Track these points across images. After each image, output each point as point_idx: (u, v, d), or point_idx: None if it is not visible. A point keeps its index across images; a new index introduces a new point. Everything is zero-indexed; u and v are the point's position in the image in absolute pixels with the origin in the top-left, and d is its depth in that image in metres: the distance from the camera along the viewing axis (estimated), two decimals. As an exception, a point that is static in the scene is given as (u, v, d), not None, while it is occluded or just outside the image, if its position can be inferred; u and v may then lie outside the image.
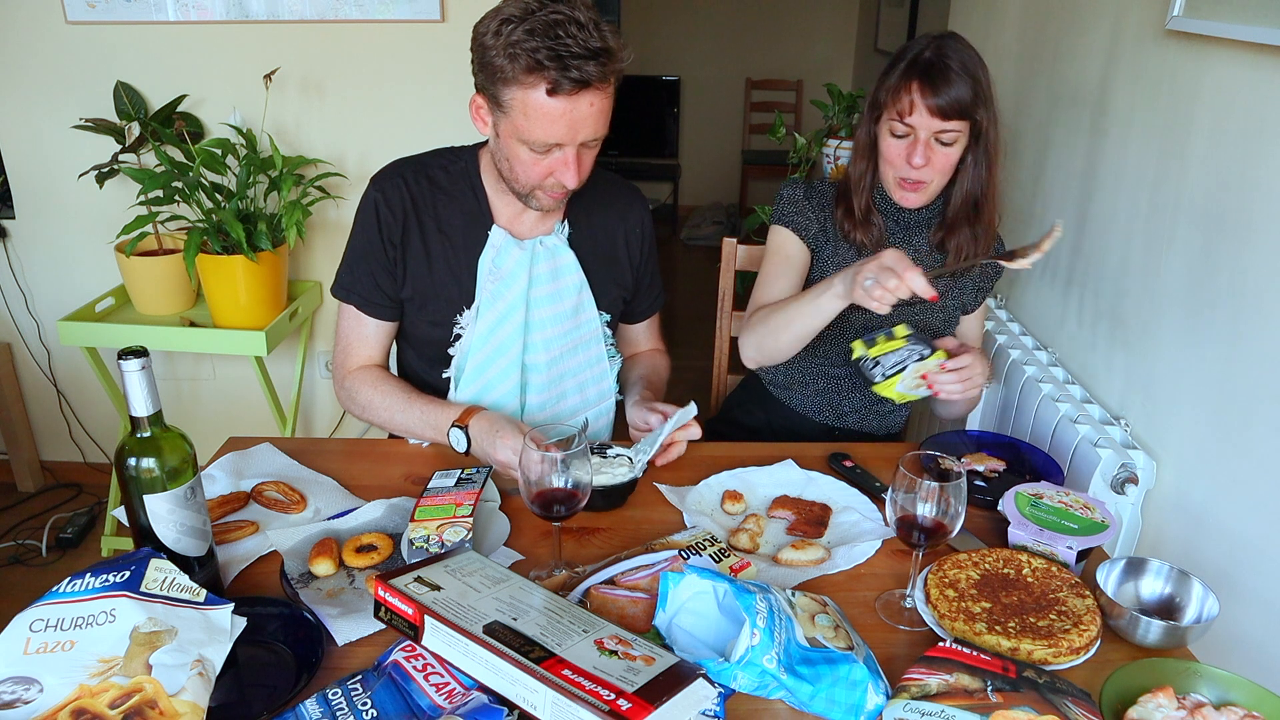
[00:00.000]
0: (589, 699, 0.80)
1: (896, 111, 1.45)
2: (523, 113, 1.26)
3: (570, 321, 1.52)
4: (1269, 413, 1.36)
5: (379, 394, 1.47)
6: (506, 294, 1.46)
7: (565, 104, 1.24)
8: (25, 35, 2.42)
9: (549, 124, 1.26)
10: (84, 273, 2.64)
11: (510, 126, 1.30)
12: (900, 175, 1.50)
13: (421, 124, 2.51)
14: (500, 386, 1.50)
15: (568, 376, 1.55)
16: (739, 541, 1.23)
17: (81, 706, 0.85)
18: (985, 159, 1.51)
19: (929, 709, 0.90)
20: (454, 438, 1.36)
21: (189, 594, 0.97)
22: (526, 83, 1.24)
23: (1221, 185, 1.48)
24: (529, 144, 1.29)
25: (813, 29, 5.78)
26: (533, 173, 1.33)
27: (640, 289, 1.65)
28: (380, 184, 1.45)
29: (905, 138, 1.47)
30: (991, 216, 1.57)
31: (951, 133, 1.45)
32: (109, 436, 2.91)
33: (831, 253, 1.64)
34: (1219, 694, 0.97)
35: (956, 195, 1.55)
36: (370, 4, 2.38)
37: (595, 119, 1.28)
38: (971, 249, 1.57)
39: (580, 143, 1.30)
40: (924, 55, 1.43)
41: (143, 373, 0.97)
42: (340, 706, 0.90)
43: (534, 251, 1.46)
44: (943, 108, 1.42)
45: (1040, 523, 1.21)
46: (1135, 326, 1.73)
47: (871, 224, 1.59)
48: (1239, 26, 1.39)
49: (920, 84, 1.42)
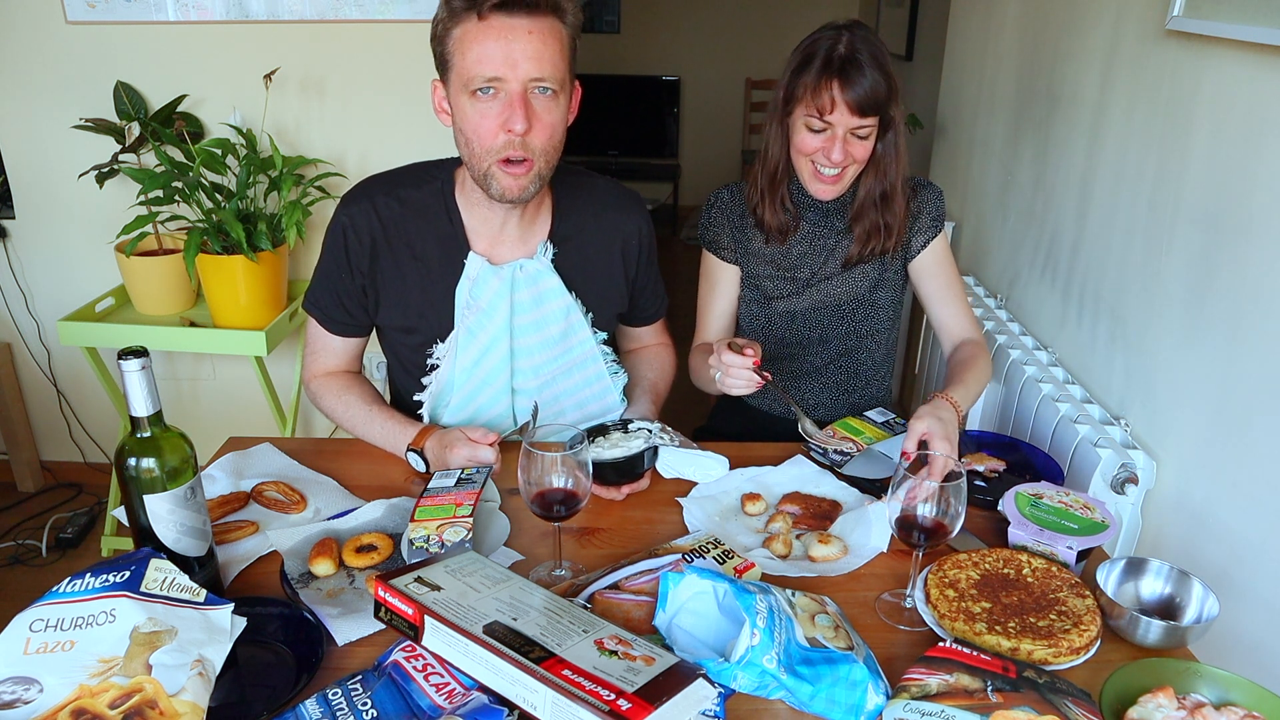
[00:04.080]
0: (589, 699, 0.80)
1: (816, 108, 1.47)
2: (462, 52, 1.22)
3: (559, 346, 1.47)
4: (1269, 413, 1.36)
5: (341, 404, 1.49)
6: (488, 325, 1.41)
7: (499, 27, 1.19)
8: (25, 35, 2.42)
9: (482, 49, 1.20)
10: (84, 273, 2.64)
11: (456, 80, 1.24)
12: (819, 168, 1.53)
13: (421, 124, 2.51)
14: (491, 411, 1.49)
15: (564, 397, 1.52)
16: (775, 549, 1.22)
17: (81, 706, 0.85)
18: (894, 149, 1.54)
19: (929, 709, 0.90)
20: (411, 460, 1.39)
21: (189, 594, 0.97)
22: (462, 18, 1.21)
23: (1221, 185, 1.48)
24: (470, 83, 1.22)
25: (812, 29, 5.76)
26: (484, 131, 1.25)
27: (640, 297, 1.61)
28: (348, 208, 1.40)
29: (822, 132, 1.49)
30: (901, 204, 1.59)
31: (867, 127, 1.48)
32: (109, 436, 2.91)
33: (747, 253, 1.69)
34: (1219, 694, 0.97)
35: (864, 186, 1.58)
36: (370, 4, 2.38)
37: (538, 51, 1.21)
38: (880, 236, 1.60)
39: (525, 81, 1.22)
40: (838, 51, 1.45)
41: (143, 373, 0.97)
42: (340, 706, 0.90)
43: (513, 279, 1.40)
44: (862, 104, 1.45)
45: (1040, 523, 1.21)
46: (1135, 326, 1.73)
47: (785, 211, 1.62)
48: (1239, 26, 1.39)
49: (840, 82, 1.44)
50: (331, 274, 1.44)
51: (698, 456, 1.39)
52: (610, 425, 1.38)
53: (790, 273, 1.67)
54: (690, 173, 6.06)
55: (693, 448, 1.40)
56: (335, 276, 1.44)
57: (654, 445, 1.35)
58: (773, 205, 1.61)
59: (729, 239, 1.68)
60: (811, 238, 1.65)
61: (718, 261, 1.70)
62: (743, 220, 1.67)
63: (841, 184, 1.56)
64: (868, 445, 1.43)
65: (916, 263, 1.64)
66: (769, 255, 1.67)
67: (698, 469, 1.39)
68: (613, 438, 1.35)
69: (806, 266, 1.66)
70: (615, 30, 5.88)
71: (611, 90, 5.74)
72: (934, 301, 1.65)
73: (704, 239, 1.71)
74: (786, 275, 1.67)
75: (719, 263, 1.70)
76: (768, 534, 1.26)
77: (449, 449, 1.33)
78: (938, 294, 1.64)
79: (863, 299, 1.67)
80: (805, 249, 1.66)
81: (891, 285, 1.68)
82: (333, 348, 1.52)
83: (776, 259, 1.67)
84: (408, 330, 1.47)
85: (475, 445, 1.31)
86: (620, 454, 1.31)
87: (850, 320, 1.69)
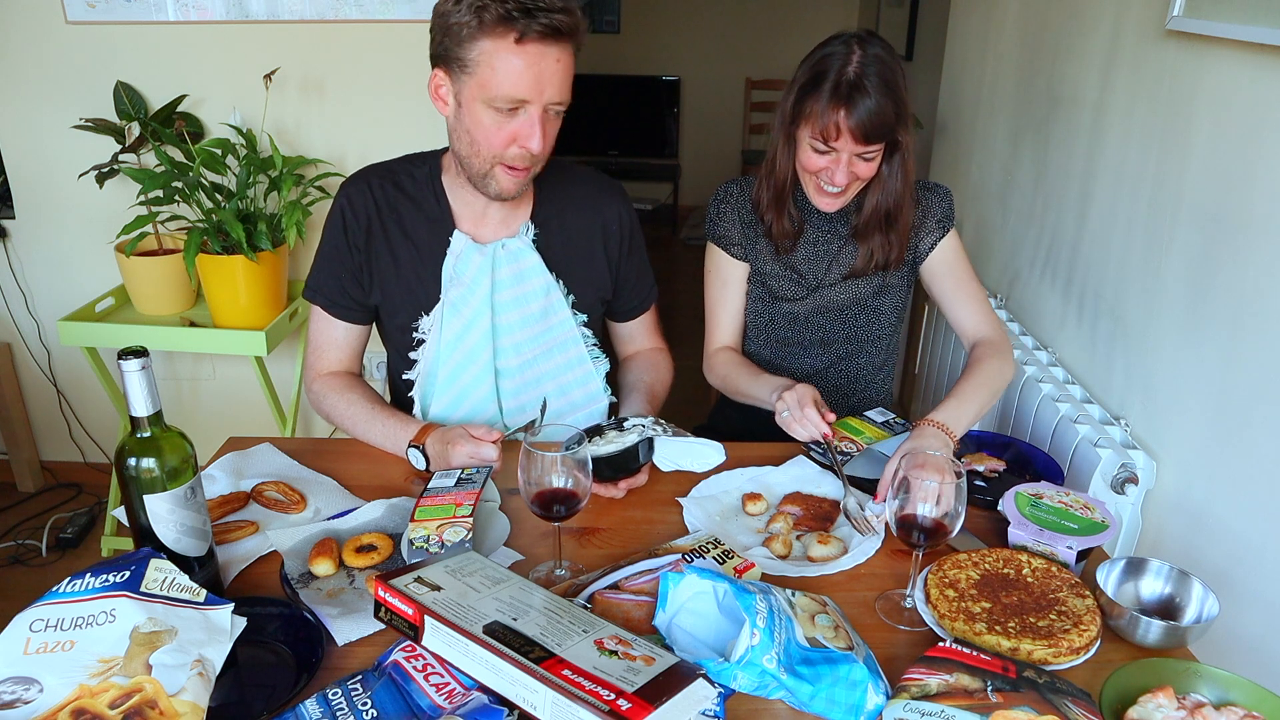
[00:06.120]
0: (589, 699, 0.80)
1: (820, 132, 1.44)
2: (490, 66, 1.25)
3: (540, 324, 1.51)
4: (1269, 413, 1.36)
5: (344, 402, 1.49)
6: (471, 299, 1.46)
7: (534, 54, 1.24)
8: (25, 35, 2.42)
9: (516, 76, 1.24)
10: (84, 273, 2.64)
11: (475, 87, 1.27)
12: (821, 184, 1.53)
13: (421, 124, 2.51)
14: (475, 393, 1.50)
15: (545, 379, 1.55)
16: (776, 550, 1.22)
17: (81, 706, 0.85)
18: (901, 169, 1.53)
19: (929, 709, 0.90)
20: (412, 457, 1.39)
21: (189, 594, 0.97)
22: (495, 33, 1.23)
23: (1221, 185, 1.48)
24: (494, 102, 1.27)
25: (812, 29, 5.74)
26: (495, 140, 1.30)
27: (625, 286, 1.62)
28: (347, 190, 1.47)
29: (826, 154, 1.47)
30: (906, 222, 1.58)
31: (873, 151, 1.47)
32: (109, 436, 2.91)
33: (756, 250, 1.68)
34: (1219, 694, 0.97)
35: (869, 203, 1.57)
36: (370, 4, 2.38)
37: (561, 78, 1.28)
38: (884, 252, 1.59)
39: (546, 104, 1.28)
40: (847, 74, 1.41)
41: (143, 373, 0.97)
42: (340, 706, 0.90)
43: (495, 255, 1.45)
44: (868, 133, 1.42)
45: (1040, 523, 1.21)
46: (1135, 326, 1.73)
47: (791, 219, 1.62)
48: (1238, 26, 1.39)
49: (846, 109, 1.41)
50: (332, 256, 1.48)
51: (693, 445, 1.38)
52: (605, 425, 1.38)
53: (796, 274, 1.67)
54: (690, 173, 6.06)
55: (687, 436, 1.39)
56: (335, 258, 1.47)
57: (648, 437, 1.34)
58: (779, 215, 1.61)
59: (739, 234, 1.67)
60: (815, 244, 1.65)
61: (727, 258, 1.68)
62: (752, 216, 1.66)
63: (846, 197, 1.55)
64: (868, 445, 1.43)
65: (927, 264, 1.63)
66: (776, 255, 1.67)
67: (694, 458, 1.38)
68: (608, 436, 1.35)
69: (811, 272, 1.66)
70: (615, 30, 5.88)
71: (611, 90, 5.74)
72: (947, 302, 1.62)
73: (712, 234, 1.69)
74: (793, 276, 1.67)
75: (729, 260, 1.68)
76: (768, 534, 1.26)
77: (451, 445, 1.33)
78: (950, 294, 1.61)
79: (865, 304, 1.67)
80: (809, 254, 1.65)
81: (895, 291, 1.68)
82: (336, 339, 1.52)
83: (784, 259, 1.67)
84: (398, 309, 1.49)
85: (478, 443, 1.31)
86: (614, 449, 1.31)
87: (852, 325, 1.69)
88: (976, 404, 1.43)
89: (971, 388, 1.44)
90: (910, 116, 1.48)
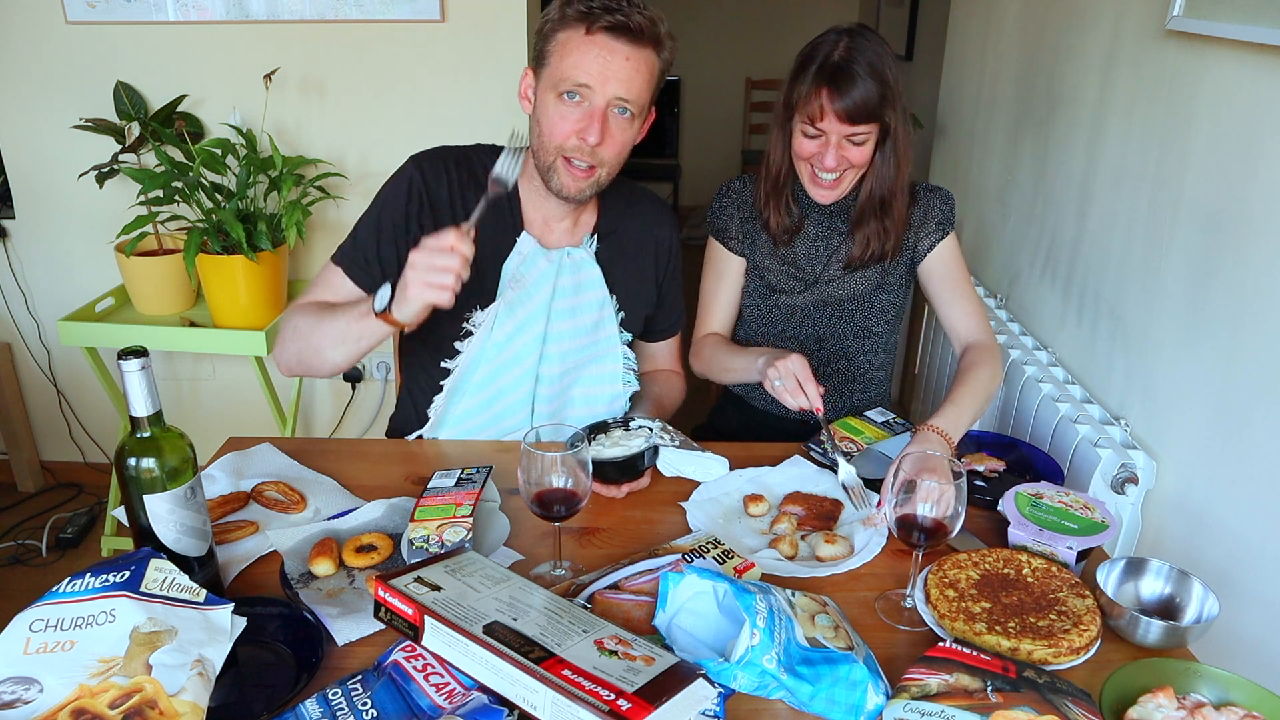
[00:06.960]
0: (589, 699, 0.80)
1: (807, 115, 1.47)
2: (561, 54, 1.31)
3: (589, 337, 1.52)
4: (1269, 413, 1.36)
5: (312, 311, 1.38)
6: (528, 303, 1.46)
7: (601, 44, 1.29)
8: (25, 35, 2.42)
9: (581, 58, 1.29)
10: (84, 273, 2.64)
11: (547, 77, 1.33)
12: (816, 172, 1.54)
13: (421, 124, 2.51)
14: (511, 395, 1.50)
15: (575, 387, 1.55)
16: (784, 551, 1.22)
17: (81, 706, 0.85)
18: (894, 156, 1.53)
19: (929, 709, 0.90)
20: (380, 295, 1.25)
21: (189, 594, 0.97)
22: (571, 25, 1.30)
23: (1221, 185, 1.48)
24: (559, 86, 1.31)
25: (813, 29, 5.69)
26: (558, 129, 1.33)
27: (663, 306, 1.65)
28: (421, 163, 1.44)
29: (816, 138, 1.50)
30: (901, 211, 1.59)
31: (862, 134, 1.48)
32: (109, 436, 2.91)
33: (753, 245, 1.69)
34: (1219, 694, 0.97)
35: (864, 190, 1.58)
36: (370, 4, 2.38)
37: (628, 76, 1.30)
38: (880, 241, 1.60)
39: (610, 98, 1.31)
40: (833, 58, 1.45)
41: (143, 373, 0.97)
42: (340, 706, 0.90)
43: (560, 263, 1.46)
44: (851, 113, 1.44)
45: (1040, 523, 1.21)
46: (1135, 326, 1.73)
47: (788, 214, 1.63)
48: (1238, 26, 1.39)
49: (829, 90, 1.44)
50: (383, 221, 1.41)
51: (698, 456, 1.39)
52: (611, 422, 1.39)
53: (794, 268, 1.67)
54: (690, 173, 6.06)
55: (694, 448, 1.40)
56: (388, 223, 1.40)
57: (654, 444, 1.35)
58: (777, 209, 1.62)
59: (737, 229, 1.69)
60: (814, 239, 1.66)
61: (725, 251, 1.70)
62: (752, 212, 1.68)
63: (840, 188, 1.56)
64: (868, 445, 1.43)
65: (924, 265, 1.64)
66: (774, 250, 1.68)
67: (698, 468, 1.39)
68: (614, 435, 1.36)
69: (810, 266, 1.66)
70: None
71: (611, 90, 5.73)
72: (941, 303, 1.63)
73: (712, 227, 1.71)
74: (791, 270, 1.67)
75: (726, 253, 1.70)
76: (773, 535, 1.26)
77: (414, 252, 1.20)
78: (944, 296, 1.63)
79: (863, 300, 1.67)
80: (808, 249, 1.66)
81: (893, 289, 1.68)
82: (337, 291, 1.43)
83: (781, 254, 1.67)
84: None
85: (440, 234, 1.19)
86: (621, 453, 1.31)
87: (849, 320, 1.69)
88: (972, 411, 1.45)
89: (968, 395, 1.45)
90: (900, 102, 1.49)
